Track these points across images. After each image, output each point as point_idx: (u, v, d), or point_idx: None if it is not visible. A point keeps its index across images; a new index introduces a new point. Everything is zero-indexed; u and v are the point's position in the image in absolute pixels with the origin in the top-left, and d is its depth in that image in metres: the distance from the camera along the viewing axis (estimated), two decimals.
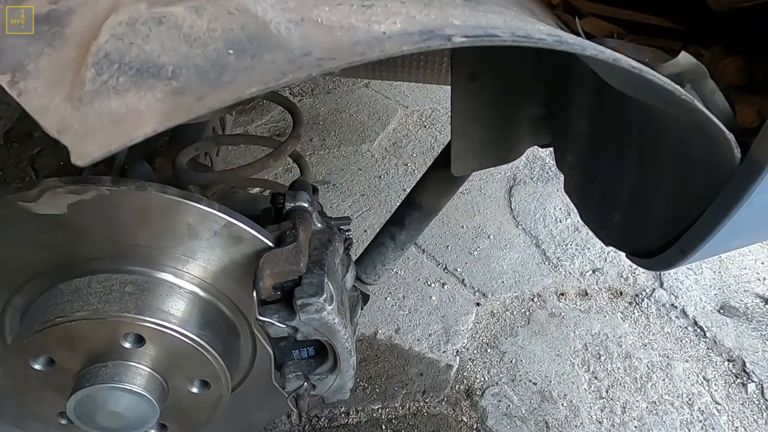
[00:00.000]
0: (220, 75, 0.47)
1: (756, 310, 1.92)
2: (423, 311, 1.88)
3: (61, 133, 0.45)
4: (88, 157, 0.43)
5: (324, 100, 2.88)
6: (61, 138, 0.45)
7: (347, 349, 0.93)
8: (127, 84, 0.47)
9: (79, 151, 0.44)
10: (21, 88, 0.49)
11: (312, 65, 0.46)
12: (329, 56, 0.47)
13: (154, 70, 0.48)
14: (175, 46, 0.49)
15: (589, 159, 1.04)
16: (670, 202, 0.85)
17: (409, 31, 0.49)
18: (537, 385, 1.68)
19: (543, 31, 0.55)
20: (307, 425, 1.55)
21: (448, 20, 0.52)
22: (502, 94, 1.03)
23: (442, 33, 0.49)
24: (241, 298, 0.97)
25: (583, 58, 0.73)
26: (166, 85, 0.47)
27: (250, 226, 0.89)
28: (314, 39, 0.49)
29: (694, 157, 0.78)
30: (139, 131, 0.44)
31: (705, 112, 0.63)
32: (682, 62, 0.66)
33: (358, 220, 2.18)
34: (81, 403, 0.90)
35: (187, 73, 0.47)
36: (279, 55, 0.48)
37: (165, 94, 0.46)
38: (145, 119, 0.45)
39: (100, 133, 0.45)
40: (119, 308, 0.88)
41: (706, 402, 1.64)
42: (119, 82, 0.47)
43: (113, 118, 0.45)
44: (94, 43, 0.50)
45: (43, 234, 0.86)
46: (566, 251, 2.10)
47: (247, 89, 0.45)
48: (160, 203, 0.85)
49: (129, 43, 0.49)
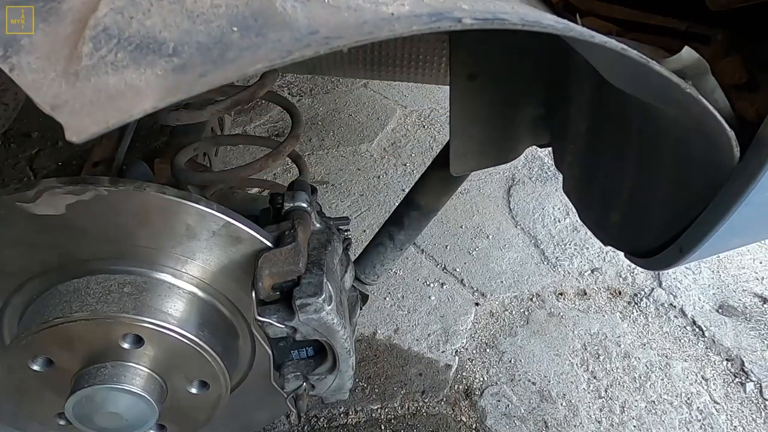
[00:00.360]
0: (223, 52, 0.46)
1: (754, 310, 1.92)
2: (422, 311, 1.88)
3: (55, 109, 0.43)
4: (83, 133, 0.42)
5: (322, 100, 2.88)
6: (55, 114, 0.43)
7: (346, 349, 0.93)
8: (126, 60, 0.46)
9: (75, 127, 0.42)
10: (14, 62, 0.46)
11: (319, 43, 0.45)
12: (336, 35, 0.46)
13: (155, 46, 0.46)
14: (177, 21, 0.48)
15: (588, 159, 1.04)
16: (669, 201, 0.85)
17: (418, 12, 0.49)
18: (536, 384, 1.68)
19: (551, 18, 0.55)
20: (306, 425, 1.55)
21: (457, 4, 0.52)
22: (500, 95, 1.03)
23: (452, 15, 0.49)
24: (240, 298, 0.96)
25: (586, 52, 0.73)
26: (167, 62, 0.45)
27: (248, 226, 0.89)
28: (321, 18, 0.48)
29: (693, 156, 0.78)
30: (138, 107, 0.43)
31: (708, 107, 0.62)
32: (685, 57, 0.65)
33: (356, 220, 2.18)
34: (80, 404, 0.90)
35: (189, 50, 0.46)
36: (285, 34, 0.47)
37: (166, 71, 0.45)
38: (145, 95, 0.44)
39: (96, 109, 0.43)
40: (118, 309, 0.88)
41: (705, 401, 1.65)
42: (118, 57, 0.46)
43: (111, 94, 0.44)
44: (93, 17, 0.48)
45: (41, 235, 0.86)
46: (565, 251, 2.11)
47: (252, 66, 0.44)
48: (159, 204, 0.85)
49: (129, 18, 0.47)
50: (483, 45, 0.96)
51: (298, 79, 2.99)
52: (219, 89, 1.33)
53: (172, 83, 0.44)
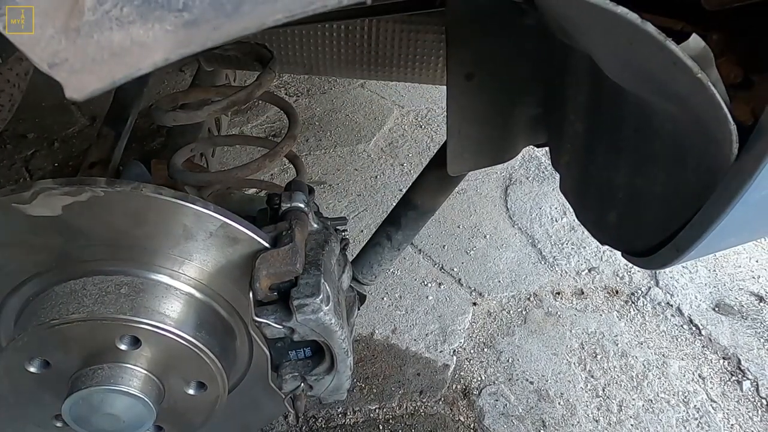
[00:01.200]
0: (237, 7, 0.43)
1: (751, 308, 1.93)
2: (420, 311, 1.88)
3: (53, 67, 0.41)
4: (85, 90, 0.40)
5: (320, 100, 2.88)
6: (52, 72, 0.41)
7: (344, 349, 0.93)
8: (132, 15, 0.43)
9: (75, 84, 0.40)
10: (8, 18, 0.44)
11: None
12: None
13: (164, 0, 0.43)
14: None
15: (584, 158, 1.04)
16: (666, 201, 0.85)
17: None
18: (534, 384, 1.68)
19: None
20: (304, 426, 1.55)
21: None
22: (498, 94, 1.03)
23: None
24: (237, 299, 0.96)
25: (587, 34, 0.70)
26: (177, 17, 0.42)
27: (246, 226, 0.88)
28: None
29: (689, 156, 0.78)
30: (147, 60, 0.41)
31: (716, 95, 0.60)
32: (692, 45, 0.63)
33: (354, 221, 2.18)
34: (77, 406, 0.90)
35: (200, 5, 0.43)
36: None
37: (176, 26, 0.42)
38: (153, 51, 0.41)
39: (100, 66, 0.41)
40: (115, 310, 0.88)
41: (702, 400, 1.65)
42: (123, 12, 0.43)
43: (115, 51, 0.42)
44: None
45: (37, 236, 0.86)
46: (562, 250, 2.11)
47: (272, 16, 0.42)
48: (156, 205, 0.85)
49: None
50: (481, 44, 0.96)
51: (295, 80, 2.99)
52: (216, 89, 1.33)
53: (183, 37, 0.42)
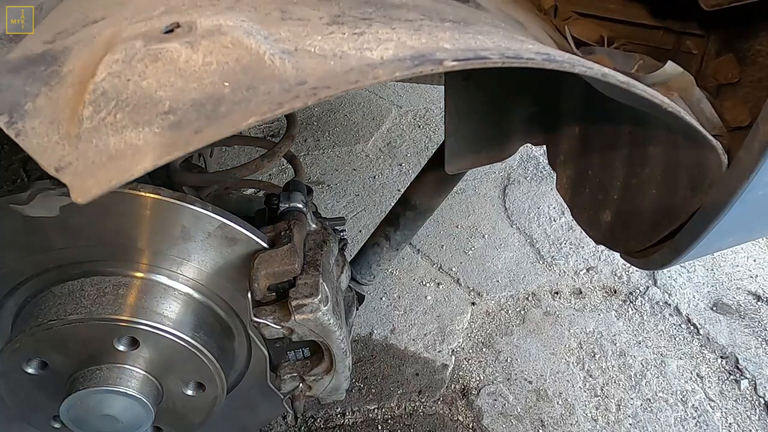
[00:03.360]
0: (216, 107, 0.47)
1: (748, 307, 1.94)
2: (418, 311, 1.88)
3: (59, 170, 0.45)
4: (88, 195, 0.44)
5: None
6: (60, 176, 0.45)
7: (342, 349, 0.93)
8: (124, 120, 0.48)
9: (79, 188, 0.44)
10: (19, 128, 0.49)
11: (307, 94, 0.47)
12: (324, 85, 0.48)
13: (151, 105, 0.48)
14: (172, 80, 0.50)
15: (580, 158, 1.04)
16: (658, 203, 0.85)
17: (401, 56, 0.50)
18: (532, 383, 1.68)
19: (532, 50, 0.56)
20: (302, 426, 1.55)
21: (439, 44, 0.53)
22: (495, 93, 1.03)
23: (434, 57, 0.50)
24: (235, 299, 0.96)
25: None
26: (163, 119, 0.47)
27: (244, 227, 0.88)
28: (308, 68, 0.50)
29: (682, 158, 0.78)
30: (138, 166, 0.45)
31: (691, 123, 0.64)
32: (668, 71, 0.68)
33: (352, 221, 2.18)
34: (75, 407, 0.90)
35: (183, 107, 0.48)
36: (274, 86, 0.48)
37: (162, 128, 0.47)
38: (144, 154, 0.45)
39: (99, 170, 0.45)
40: (113, 311, 0.87)
41: (700, 399, 1.66)
42: (117, 118, 0.48)
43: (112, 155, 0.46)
44: (91, 81, 0.50)
45: (35, 236, 0.86)
46: (560, 250, 2.11)
47: (244, 121, 0.45)
48: (154, 205, 0.84)
49: (126, 80, 0.50)
50: None
51: None
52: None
53: (168, 140, 0.46)
